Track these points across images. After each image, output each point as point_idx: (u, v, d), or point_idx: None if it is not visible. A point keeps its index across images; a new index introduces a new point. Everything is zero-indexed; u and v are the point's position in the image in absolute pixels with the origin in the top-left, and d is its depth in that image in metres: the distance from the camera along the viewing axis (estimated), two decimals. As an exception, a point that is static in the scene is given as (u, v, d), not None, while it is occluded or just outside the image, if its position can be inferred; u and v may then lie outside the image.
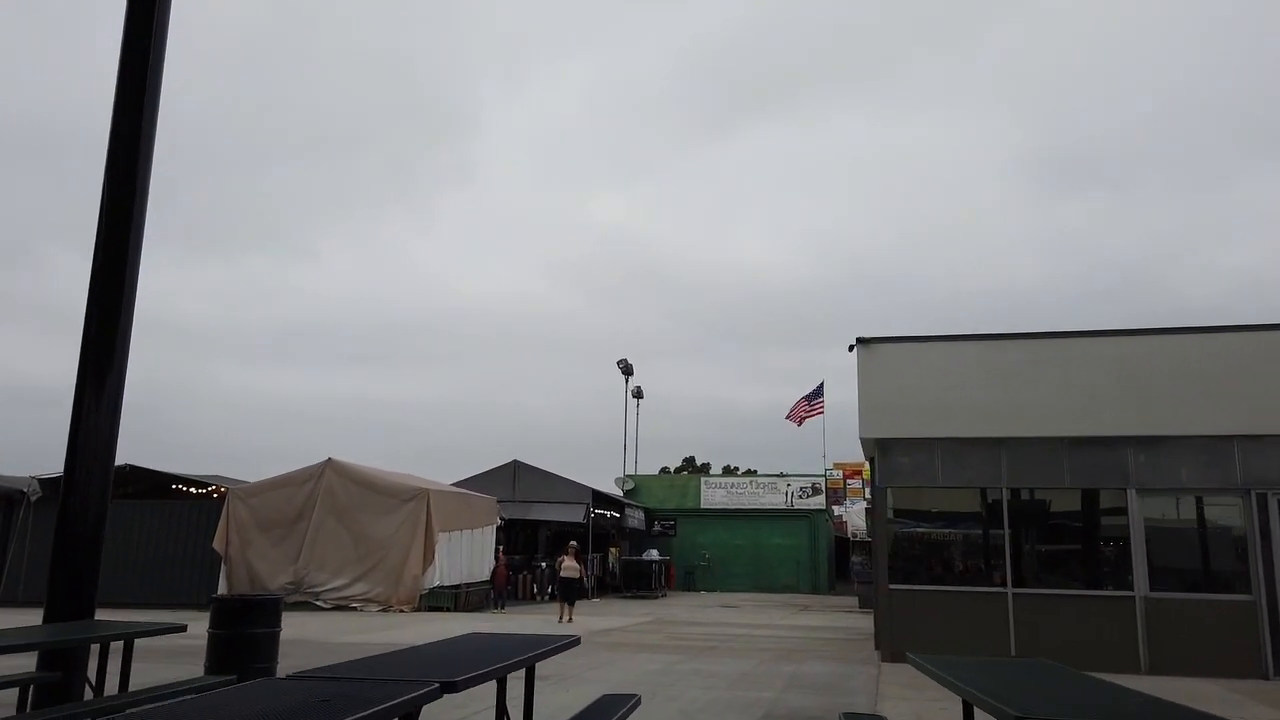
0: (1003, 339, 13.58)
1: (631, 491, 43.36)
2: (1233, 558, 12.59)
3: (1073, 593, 12.87)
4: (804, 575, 41.27)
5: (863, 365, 14.06)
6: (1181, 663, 12.19)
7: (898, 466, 13.84)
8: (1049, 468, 13.27)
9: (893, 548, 13.82)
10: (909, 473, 13.81)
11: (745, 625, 21.41)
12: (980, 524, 13.69)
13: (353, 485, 25.21)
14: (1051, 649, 12.68)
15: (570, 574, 21.96)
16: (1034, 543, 13.46)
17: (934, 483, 13.70)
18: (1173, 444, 12.87)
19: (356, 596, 24.49)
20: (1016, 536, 13.33)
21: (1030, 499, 13.45)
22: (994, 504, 13.51)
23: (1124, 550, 12.82)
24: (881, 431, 13.79)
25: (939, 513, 14.10)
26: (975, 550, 13.69)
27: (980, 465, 13.53)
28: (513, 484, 35.17)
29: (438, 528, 25.07)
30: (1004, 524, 13.32)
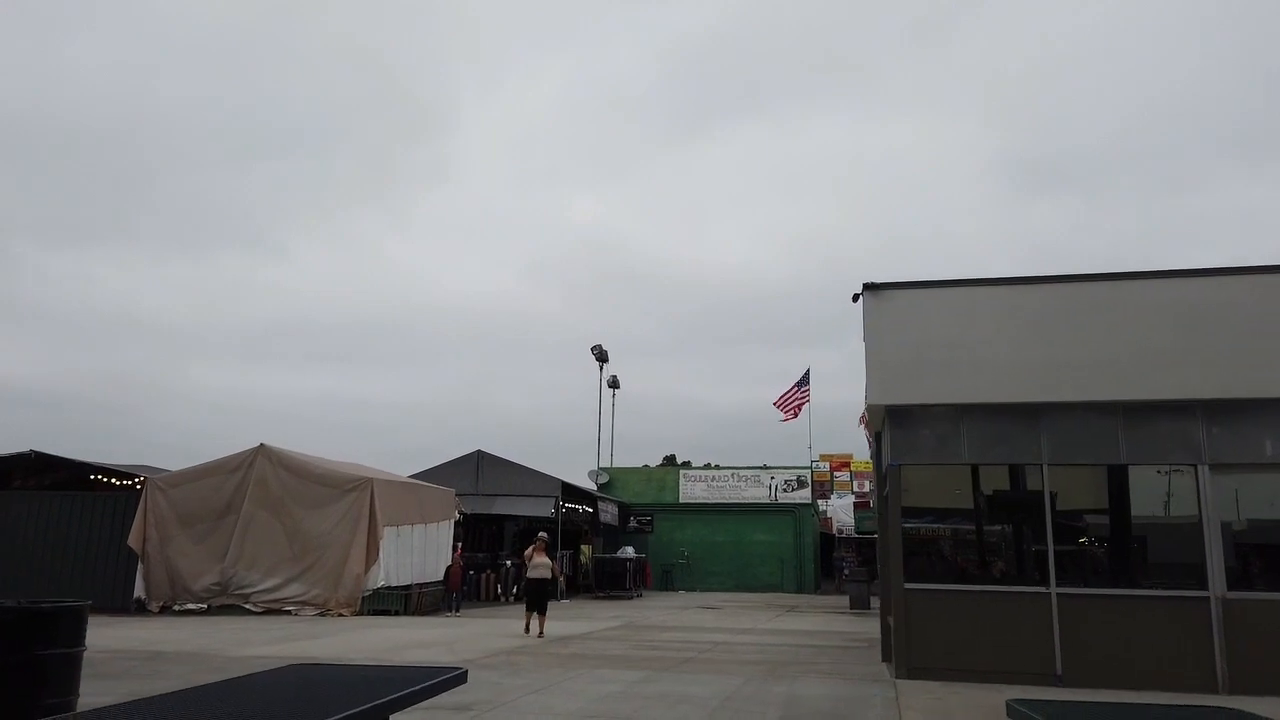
0: (1042, 282, 11.14)
1: (606, 485, 40.81)
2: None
3: (1131, 593, 10.45)
4: (788, 574, 38.87)
5: (871, 317, 11.59)
6: (1271, 679, 9.78)
7: (914, 440, 11.38)
8: (1099, 440, 10.85)
9: (908, 539, 11.34)
10: (928, 448, 11.35)
11: (727, 630, 18.90)
12: (1015, 510, 11.25)
13: (287, 474, 22.49)
14: (1105, 661, 10.25)
15: (540, 572, 16.86)
16: (1082, 532, 11.03)
17: (958, 459, 11.25)
18: (1253, 409, 10.48)
19: (291, 599, 21.78)
20: (1061, 525, 10.90)
21: (1076, 478, 11.03)
22: (1032, 485, 11.08)
23: (1194, 541, 10.40)
24: (895, 397, 11.32)
25: (964, 496, 11.66)
26: (1009, 542, 11.26)
27: (1015, 437, 11.09)
28: (476, 476, 32.53)
29: (383, 521, 22.39)
30: (1045, 509, 10.88)
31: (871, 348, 11.51)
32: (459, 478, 31.76)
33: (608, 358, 43.60)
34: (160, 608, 21.93)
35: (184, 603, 21.96)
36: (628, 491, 40.86)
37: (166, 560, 22.20)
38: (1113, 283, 10.89)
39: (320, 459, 23.86)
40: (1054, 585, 10.64)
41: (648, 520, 40.28)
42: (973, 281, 11.39)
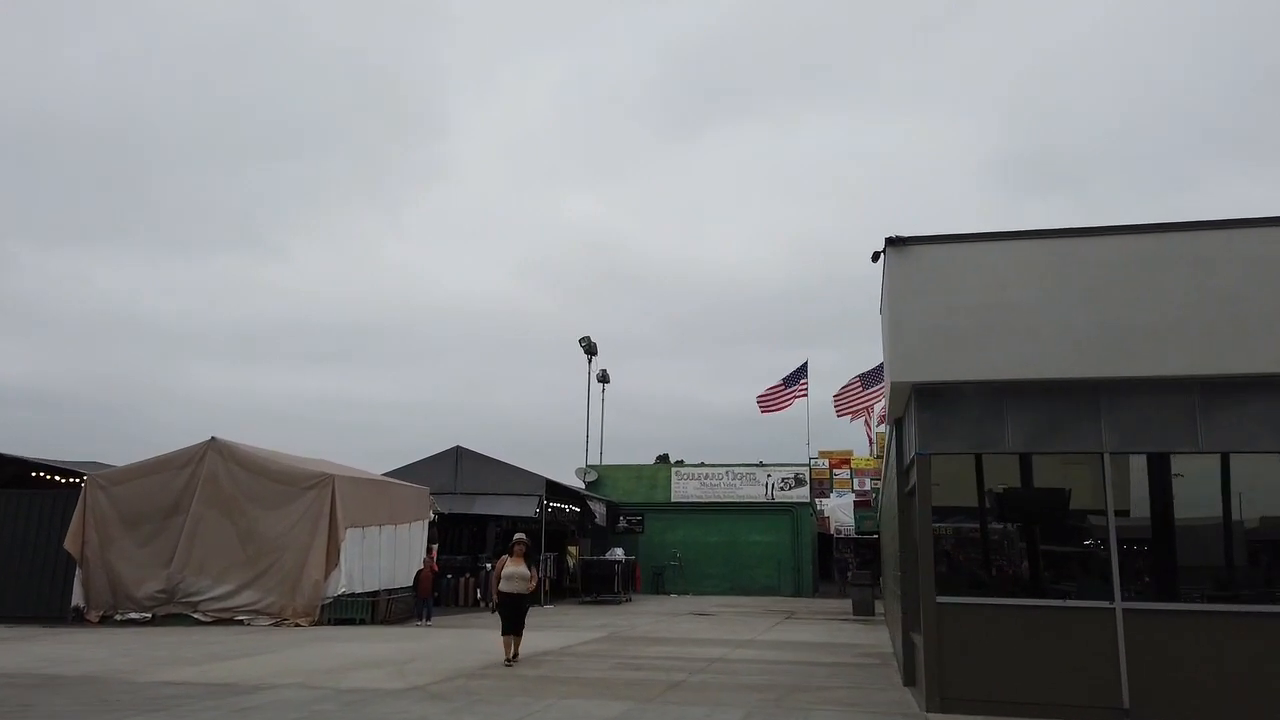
0: (1105, 234, 9.27)
1: (594, 484, 38.93)
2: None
3: (1221, 609, 8.59)
4: (785, 576, 37.01)
5: (894, 279, 9.71)
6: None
7: (947, 425, 9.50)
8: (1174, 423, 8.99)
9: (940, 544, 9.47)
10: (964, 434, 9.47)
11: (722, 643, 17.01)
12: (1069, 508, 9.38)
13: (241, 471, 20.55)
14: (1186, 692, 8.40)
15: (516, 585, 13.13)
16: (1156, 535, 9.18)
17: (1000, 447, 9.37)
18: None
19: (243, 607, 19.86)
20: (1129, 526, 9.04)
21: (1147, 470, 9.17)
22: (1091, 478, 9.22)
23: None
24: (923, 373, 9.44)
25: (1007, 492, 9.79)
26: (1064, 546, 9.39)
27: (1069, 421, 9.22)
28: (454, 473, 30.57)
29: (345, 522, 20.47)
30: (1106, 507, 9.02)
31: (894, 315, 9.63)
32: (436, 475, 29.82)
33: (596, 350, 41.70)
34: (100, 617, 19.99)
35: (126, 611, 20.02)
36: (617, 490, 38.97)
37: (107, 565, 20.25)
38: (1193, 233, 9.01)
39: (278, 453, 21.92)
40: (1119, 599, 8.78)
41: (638, 520, 38.36)
42: (1018, 234, 9.51)
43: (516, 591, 13.15)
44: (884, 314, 10.51)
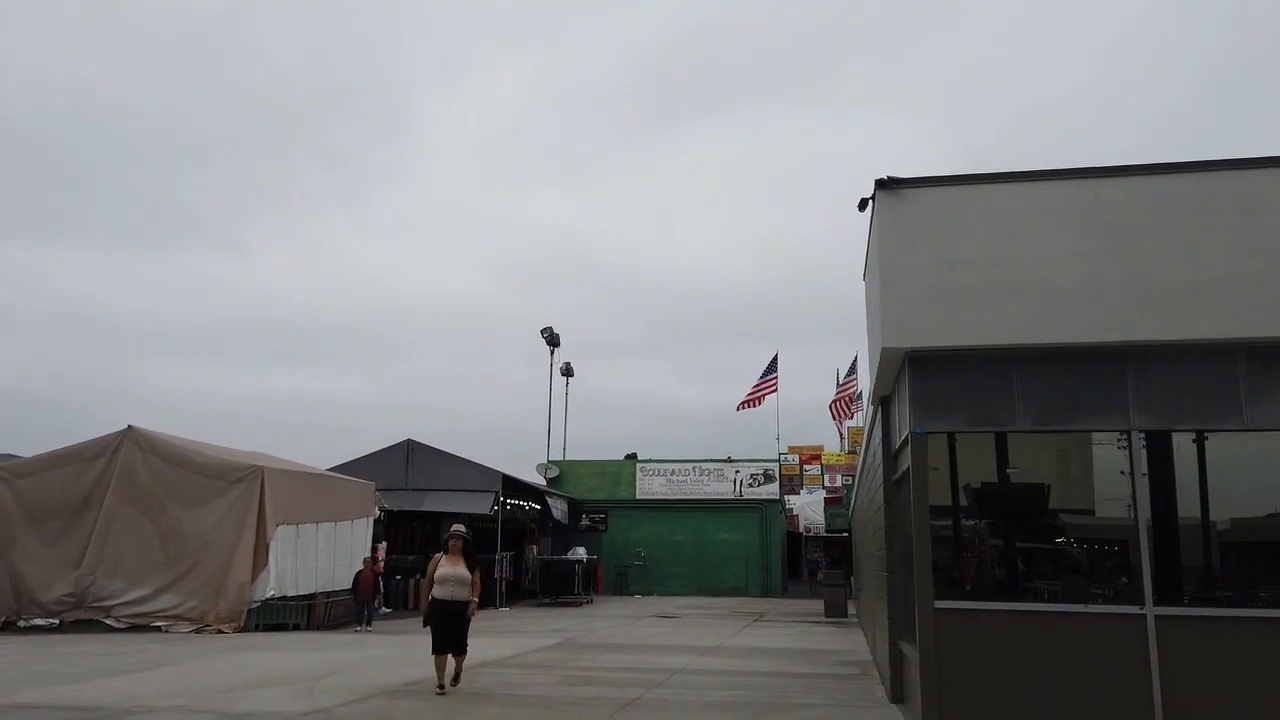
0: (1134, 174, 7.89)
1: (556, 480, 37.30)
2: None
3: (1273, 614, 7.22)
4: (754, 576, 35.61)
5: (886, 230, 8.26)
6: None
7: (946, 400, 8.07)
8: (1212, 396, 7.63)
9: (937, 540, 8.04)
10: (966, 409, 8.04)
11: (686, 650, 15.52)
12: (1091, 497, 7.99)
13: (160, 463, 18.74)
14: (1232, 713, 7.03)
15: (453, 591, 10.28)
16: (1192, 529, 7.81)
17: (1009, 423, 7.96)
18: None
19: (161, 612, 18.06)
20: (1161, 518, 7.67)
21: (1182, 451, 7.80)
22: (1115, 461, 7.84)
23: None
24: (919, 338, 8.01)
25: (1015, 479, 8.37)
26: (1084, 542, 7.99)
27: (1091, 394, 7.83)
28: (405, 468, 28.83)
29: (276, 518, 18.75)
30: (1133, 496, 7.64)
31: (885, 271, 8.18)
32: (386, 470, 28.09)
33: (559, 341, 40.06)
34: (1, 623, 18.10)
35: (31, 617, 18.14)
36: (579, 487, 37.38)
37: (10, 566, 18.36)
38: (1238, 173, 7.65)
39: (202, 444, 20.13)
40: (1151, 603, 7.40)
41: (601, 518, 36.87)
42: (1033, 175, 8.09)
43: (453, 598, 10.13)
44: (871, 272, 9.09)
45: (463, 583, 10.26)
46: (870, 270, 9.06)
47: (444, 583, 10.33)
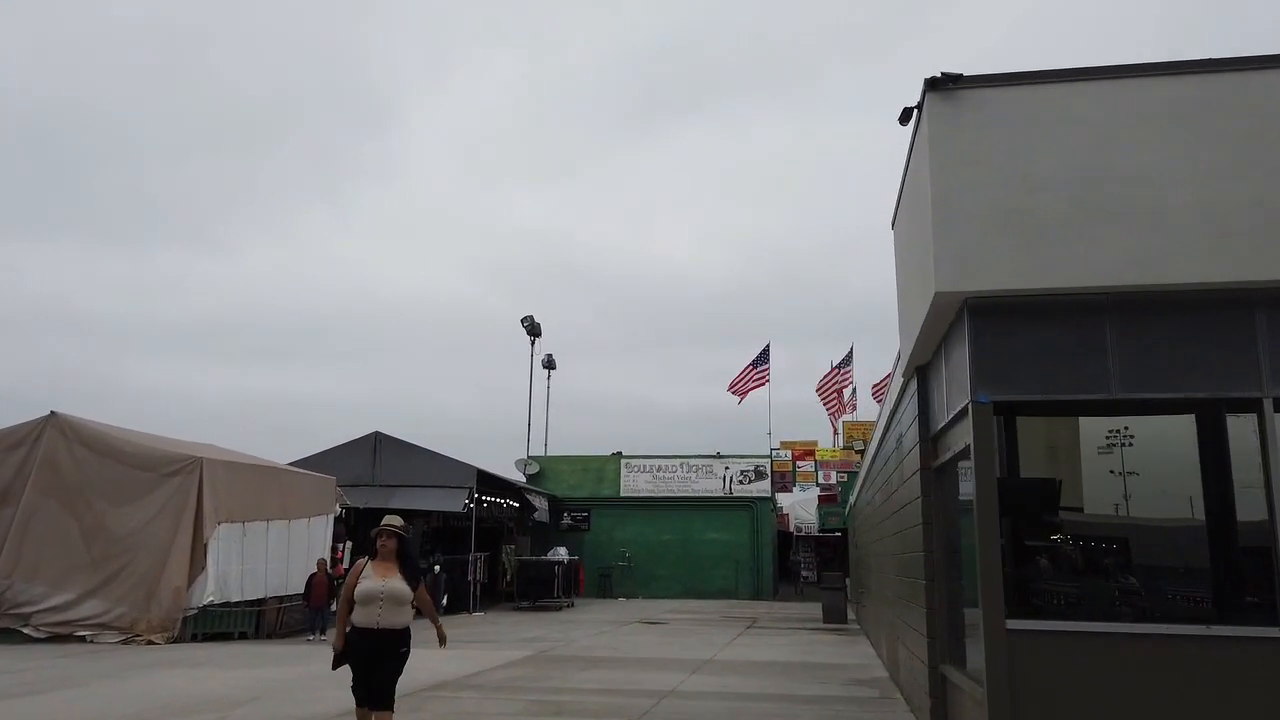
0: (1266, 67, 6.11)
1: (536, 476, 35.39)
2: None
3: None
4: (744, 577, 33.82)
5: (942, 140, 6.44)
6: None
7: (1018, 359, 6.25)
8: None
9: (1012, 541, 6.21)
10: (1044, 371, 6.22)
11: (676, 666, 13.68)
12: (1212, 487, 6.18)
13: (87, 453, 16.73)
14: None
15: (377, 615, 6.63)
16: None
17: (1101, 388, 6.14)
18: None
19: (86, 620, 16.06)
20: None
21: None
22: (1236, 439, 6.04)
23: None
24: (984, 279, 6.19)
25: (1106, 463, 6.56)
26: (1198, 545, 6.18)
27: (1209, 350, 6.03)
28: (373, 462, 26.83)
29: (216, 515, 16.78)
30: (1266, 484, 5.86)
31: (941, 195, 6.35)
32: (351, 465, 26.11)
33: (540, 331, 38.12)
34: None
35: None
36: (561, 484, 35.48)
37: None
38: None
39: (136, 432, 18.12)
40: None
41: (584, 516, 34.98)
42: (1133, 70, 6.28)
43: (381, 626, 6.58)
44: (914, 203, 7.26)
45: (397, 601, 6.64)
46: (913, 201, 7.24)
47: (369, 602, 6.58)
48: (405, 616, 6.70)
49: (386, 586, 6.65)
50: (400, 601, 6.65)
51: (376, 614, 6.55)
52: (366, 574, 6.68)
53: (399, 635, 6.64)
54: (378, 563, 6.80)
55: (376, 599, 6.58)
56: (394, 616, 6.61)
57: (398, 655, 6.66)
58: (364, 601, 6.61)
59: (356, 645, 6.60)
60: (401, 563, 6.81)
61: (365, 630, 6.56)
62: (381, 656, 6.60)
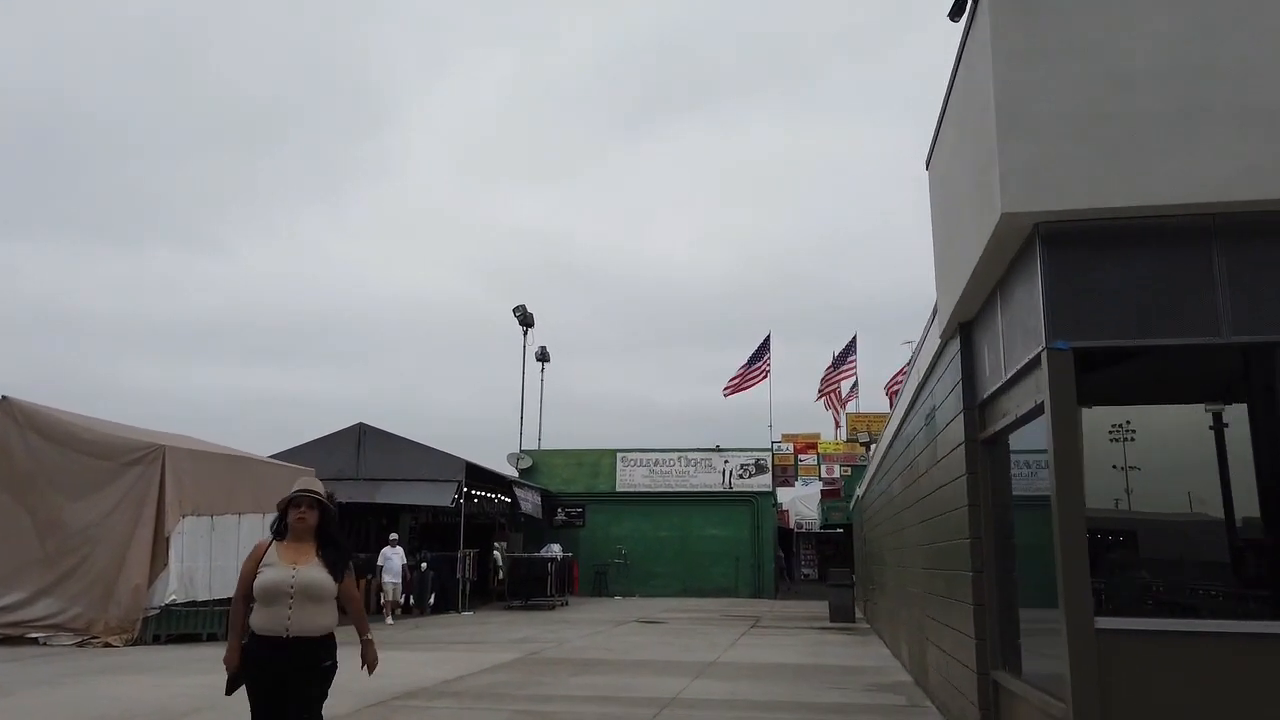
0: None
1: (529, 471, 34.19)
2: None
3: None
4: (744, 575, 32.67)
5: (1007, 26, 5.28)
6: None
7: (1104, 295, 5.09)
8: None
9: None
10: (1136, 312, 5.06)
11: (678, 670, 12.53)
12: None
13: (41, 441, 15.51)
14: None
15: (295, 619, 4.67)
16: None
17: (1208, 332, 4.98)
18: None
19: (39, 621, 14.84)
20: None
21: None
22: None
23: None
24: (1065, 196, 5.04)
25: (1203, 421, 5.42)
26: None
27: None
28: (357, 455, 25.61)
29: (181, 508, 15.57)
30: None
31: (1007, 94, 5.18)
32: (335, 458, 24.84)
33: (533, 322, 36.94)
34: None
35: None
36: (555, 478, 34.30)
37: None
38: None
39: (95, 419, 16.89)
40: None
41: (578, 512, 33.80)
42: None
43: (293, 633, 4.70)
44: (962, 122, 6.10)
45: (314, 596, 4.75)
46: (965, 116, 6.07)
47: (273, 599, 4.69)
48: (326, 618, 4.78)
49: (299, 576, 4.69)
50: (318, 597, 4.73)
51: (285, 616, 4.64)
52: (270, 559, 4.79)
53: (318, 645, 4.73)
54: (288, 544, 4.88)
55: (284, 594, 4.66)
56: (310, 618, 4.70)
57: (318, 674, 4.74)
58: (266, 598, 4.68)
59: (257, 661, 4.69)
60: (322, 544, 4.90)
61: (268, 639, 4.65)
62: (293, 677, 4.66)
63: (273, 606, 4.66)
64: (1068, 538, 4.91)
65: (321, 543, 4.89)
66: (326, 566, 4.81)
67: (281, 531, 4.91)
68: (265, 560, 4.79)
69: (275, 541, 4.91)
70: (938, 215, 7.65)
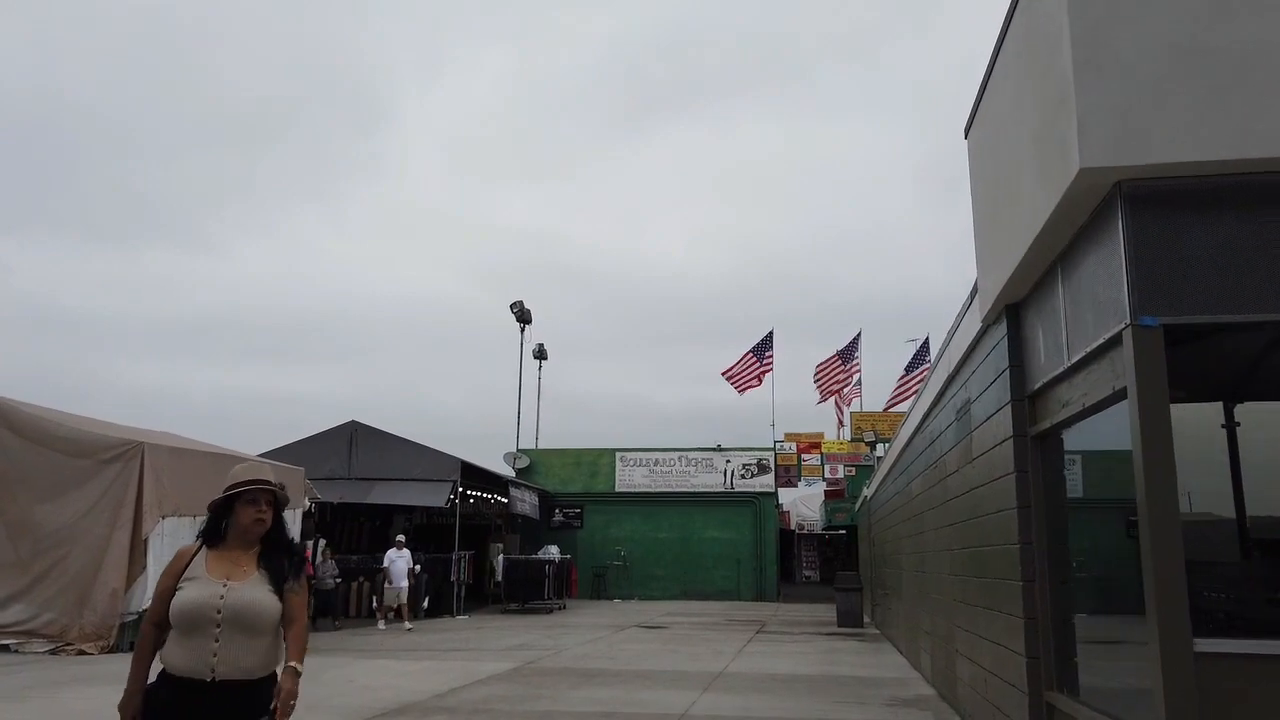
0: None
1: (526, 470, 33.45)
2: None
3: None
4: (746, 577, 31.95)
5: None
6: None
7: (1195, 259, 4.38)
8: None
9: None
10: (1236, 281, 4.34)
11: (685, 681, 11.80)
12: None
13: (13, 438, 14.76)
14: None
15: (226, 654, 3.35)
16: None
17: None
18: None
19: (11, 627, 14.09)
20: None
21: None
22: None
23: None
24: (1157, 148, 4.33)
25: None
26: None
27: None
28: (349, 454, 24.88)
29: (160, 508, 14.82)
30: None
31: (1084, 29, 4.45)
32: (326, 457, 24.17)
33: (530, 318, 36.18)
34: None
35: None
36: (552, 478, 33.56)
37: None
38: None
39: (70, 415, 16.14)
40: None
41: (576, 513, 33.06)
42: None
43: (212, 677, 3.34)
44: (1021, 69, 5.37)
45: (249, 626, 3.43)
46: (1025, 61, 5.34)
47: (193, 627, 3.37)
48: (265, 654, 3.47)
49: (231, 596, 3.40)
50: (255, 625, 3.42)
51: (209, 651, 3.33)
52: (195, 572, 3.47)
53: (253, 693, 3.41)
54: (221, 553, 3.54)
55: (210, 620, 3.35)
56: (244, 654, 3.38)
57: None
58: (186, 625, 3.36)
59: (166, 713, 3.37)
60: (266, 550, 3.61)
61: (186, 683, 3.34)
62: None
63: (193, 638, 3.35)
64: (1161, 549, 4.19)
65: (266, 549, 3.63)
66: (270, 581, 3.52)
67: (214, 533, 3.61)
68: (189, 574, 3.48)
69: (204, 547, 3.60)
70: (980, 186, 6.92)
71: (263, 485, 3.61)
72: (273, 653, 3.53)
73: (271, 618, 3.49)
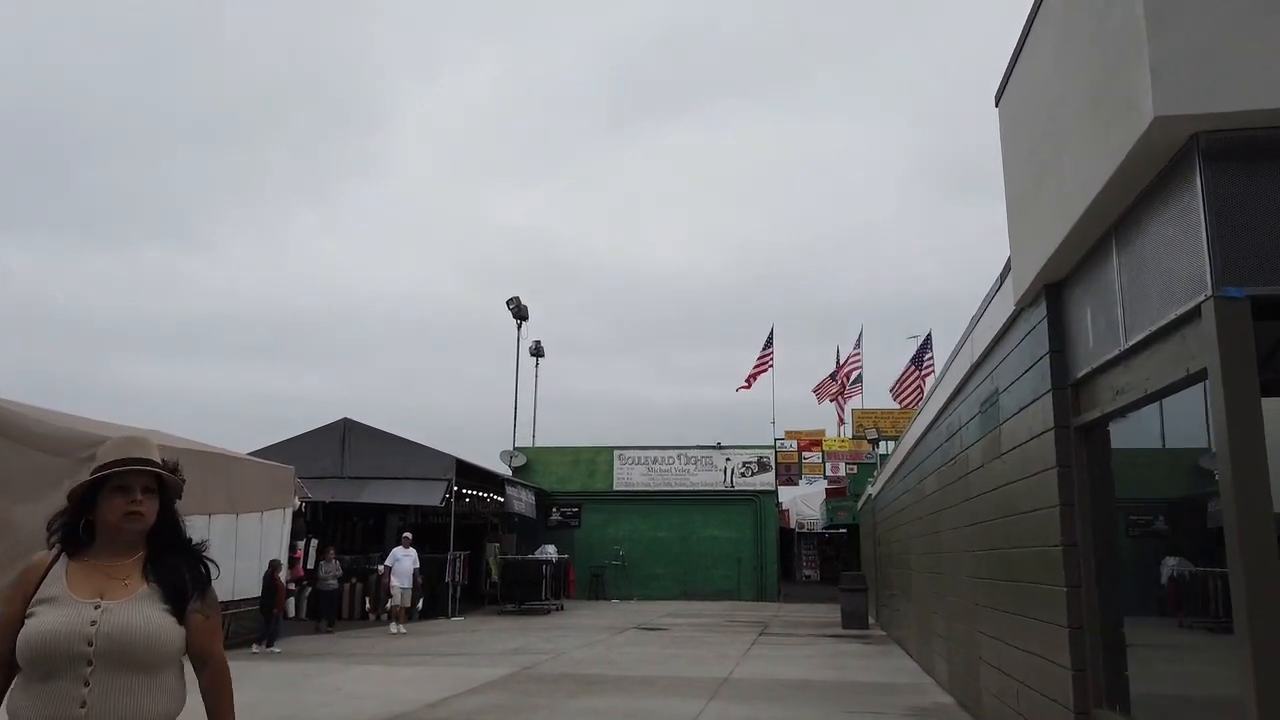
0: None
1: (522, 468, 32.89)
2: None
3: None
4: (746, 577, 31.43)
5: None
6: None
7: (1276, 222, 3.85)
8: None
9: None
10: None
11: (690, 688, 11.26)
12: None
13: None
14: None
15: (102, 696, 2.34)
16: None
17: None
18: None
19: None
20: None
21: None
22: None
23: None
24: (1237, 96, 3.81)
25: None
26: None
27: None
28: (341, 453, 24.30)
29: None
30: None
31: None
32: (318, 456, 23.56)
33: (527, 315, 35.62)
34: None
35: None
36: (550, 477, 33.00)
37: None
38: None
39: (50, 412, 15.51)
40: None
41: (573, 512, 32.52)
42: None
43: None
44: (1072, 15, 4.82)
45: (138, 660, 2.42)
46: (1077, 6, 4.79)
47: (54, 666, 2.36)
48: (163, 702, 2.48)
49: (106, 620, 2.43)
50: (146, 662, 2.45)
51: (76, 700, 2.35)
52: (51, 588, 2.48)
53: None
54: (90, 562, 2.55)
55: (77, 656, 2.38)
56: (126, 700, 2.40)
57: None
58: (42, 663, 2.38)
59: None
60: (154, 554, 2.62)
61: None
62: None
63: (53, 681, 2.37)
64: (1251, 547, 3.65)
65: (154, 552, 2.61)
66: (164, 598, 2.52)
67: (75, 539, 2.60)
68: (42, 594, 2.47)
69: (63, 554, 2.57)
70: (1015, 157, 6.39)
71: (137, 465, 2.57)
72: (173, 699, 2.51)
73: (168, 648, 2.48)
